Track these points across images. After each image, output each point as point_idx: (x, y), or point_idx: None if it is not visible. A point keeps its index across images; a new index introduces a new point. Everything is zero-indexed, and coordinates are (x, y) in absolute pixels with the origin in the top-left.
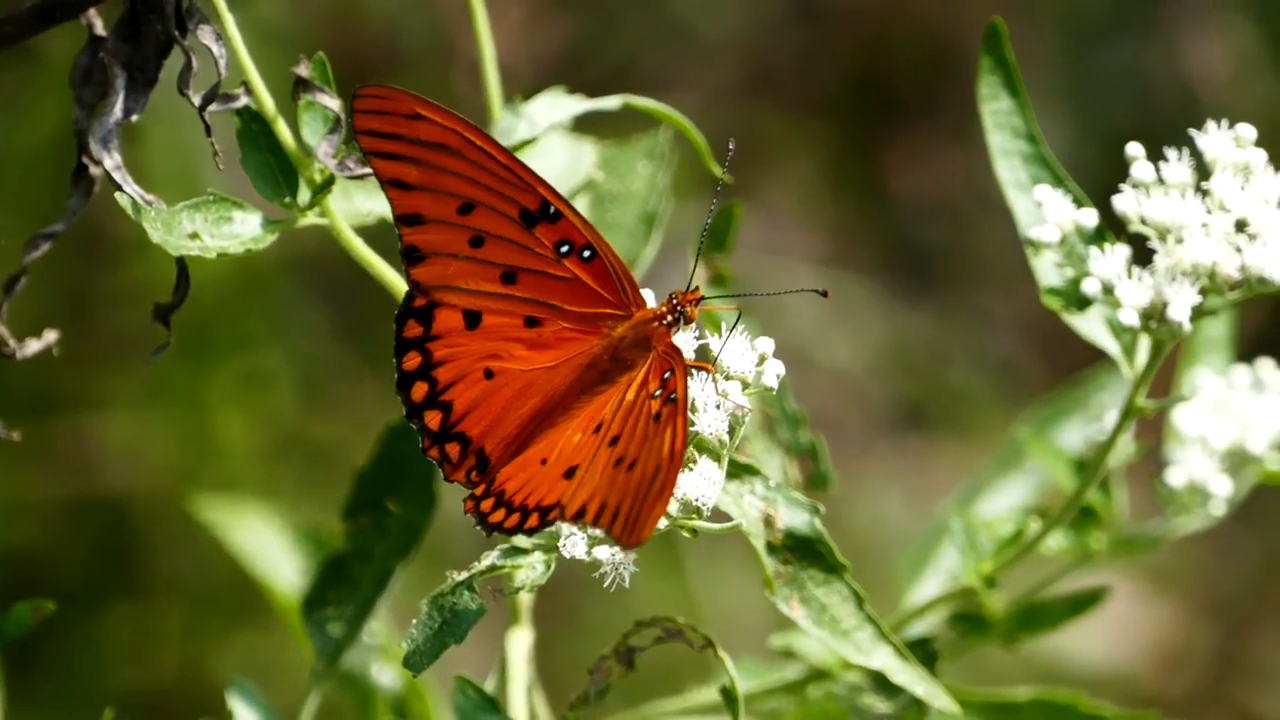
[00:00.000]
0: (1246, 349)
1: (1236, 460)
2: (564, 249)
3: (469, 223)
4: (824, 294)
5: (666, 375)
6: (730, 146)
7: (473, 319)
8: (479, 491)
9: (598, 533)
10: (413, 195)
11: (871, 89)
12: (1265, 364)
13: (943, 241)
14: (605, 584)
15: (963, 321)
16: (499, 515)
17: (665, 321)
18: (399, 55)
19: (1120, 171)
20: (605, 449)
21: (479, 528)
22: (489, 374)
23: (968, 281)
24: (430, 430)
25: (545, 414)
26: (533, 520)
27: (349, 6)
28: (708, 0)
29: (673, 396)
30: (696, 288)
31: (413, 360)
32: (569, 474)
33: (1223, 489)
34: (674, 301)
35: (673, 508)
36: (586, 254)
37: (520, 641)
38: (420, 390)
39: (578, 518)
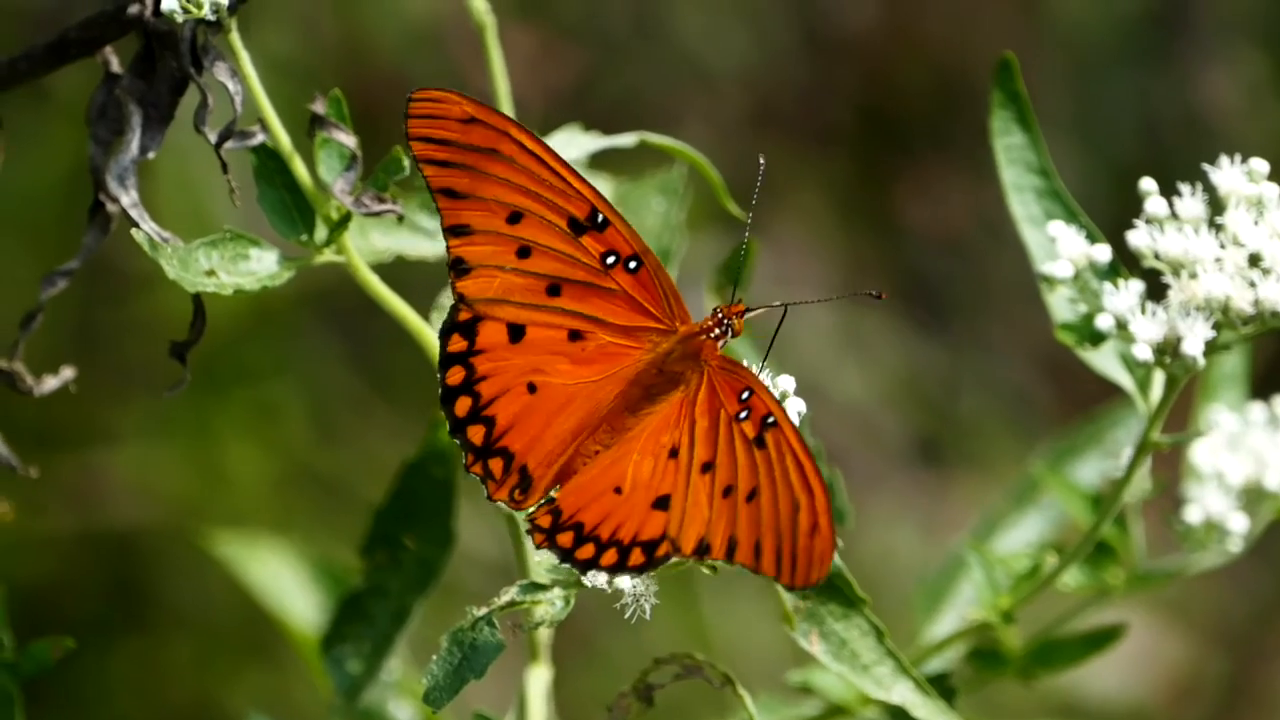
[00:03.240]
0: (1258, 384)
1: (1253, 496)
2: (610, 260)
3: (517, 233)
4: (879, 296)
5: (745, 394)
6: (760, 161)
7: (517, 333)
8: (544, 523)
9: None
10: (463, 204)
11: (880, 120)
12: None
13: (953, 273)
14: (626, 615)
15: (974, 354)
16: (588, 551)
17: (713, 335)
18: (408, 90)
19: (1129, 204)
20: (699, 477)
21: (566, 565)
22: (532, 388)
23: (979, 313)
24: (474, 445)
25: (590, 430)
26: (637, 556)
27: (359, 41)
28: (715, 33)
29: (769, 420)
30: (740, 299)
31: (456, 375)
32: (661, 504)
33: (1240, 526)
34: (720, 315)
35: None
36: (632, 265)
37: (539, 678)
38: (464, 405)
39: (701, 553)
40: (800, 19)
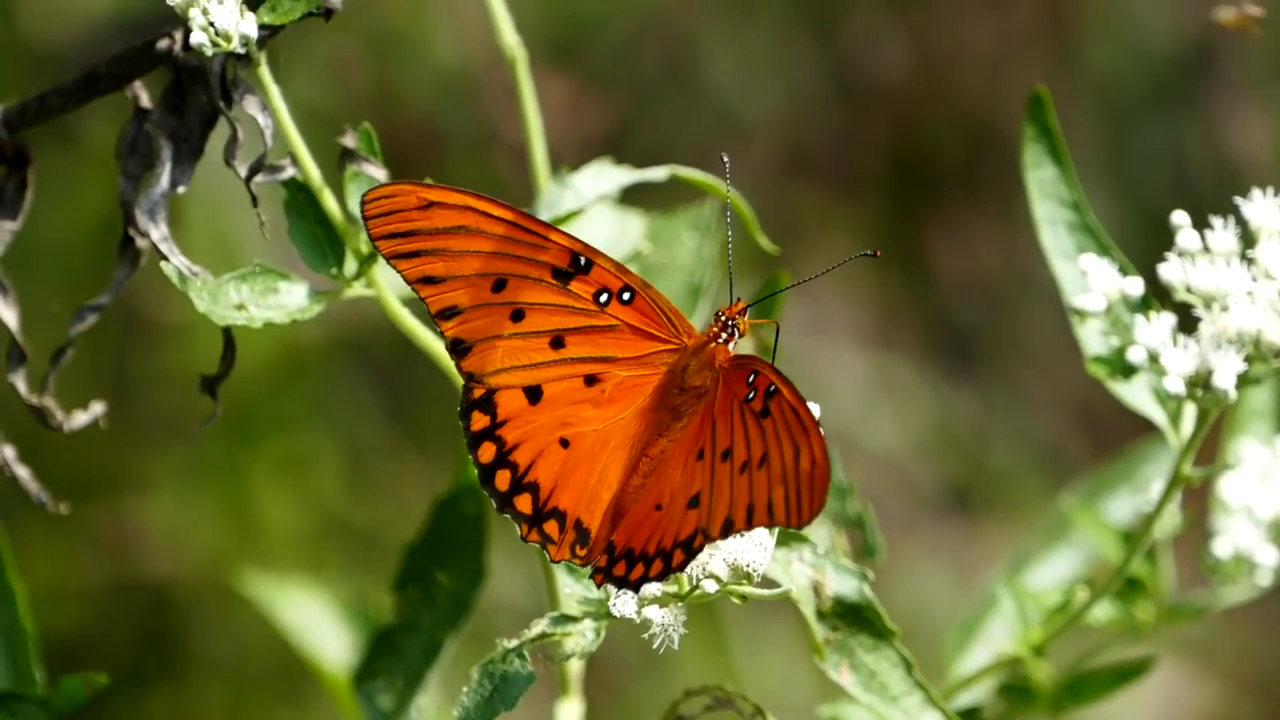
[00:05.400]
0: None
1: None
2: (603, 298)
3: (505, 299)
4: (875, 254)
5: (751, 377)
6: (724, 160)
7: (534, 394)
8: (602, 563)
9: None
10: (444, 288)
11: (910, 168)
12: None
13: (985, 321)
14: (655, 646)
15: (1006, 402)
16: (639, 570)
17: (720, 340)
18: (440, 139)
19: (1160, 249)
20: (720, 465)
21: (622, 590)
22: (565, 443)
23: (1010, 362)
24: (524, 515)
25: (630, 466)
26: (678, 556)
27: (391, 92)
28: (747, 82)
29: (771, 389)
30: (739, 299)
31: (488, 452)
32: (693, 503)
33: (1269, 559)
34: (723, 318)
35: (723, 573)
36: (626, 296)
37: (570, 712)
38: (504, 479)
39: (726, 531)
40: (831, 68)
